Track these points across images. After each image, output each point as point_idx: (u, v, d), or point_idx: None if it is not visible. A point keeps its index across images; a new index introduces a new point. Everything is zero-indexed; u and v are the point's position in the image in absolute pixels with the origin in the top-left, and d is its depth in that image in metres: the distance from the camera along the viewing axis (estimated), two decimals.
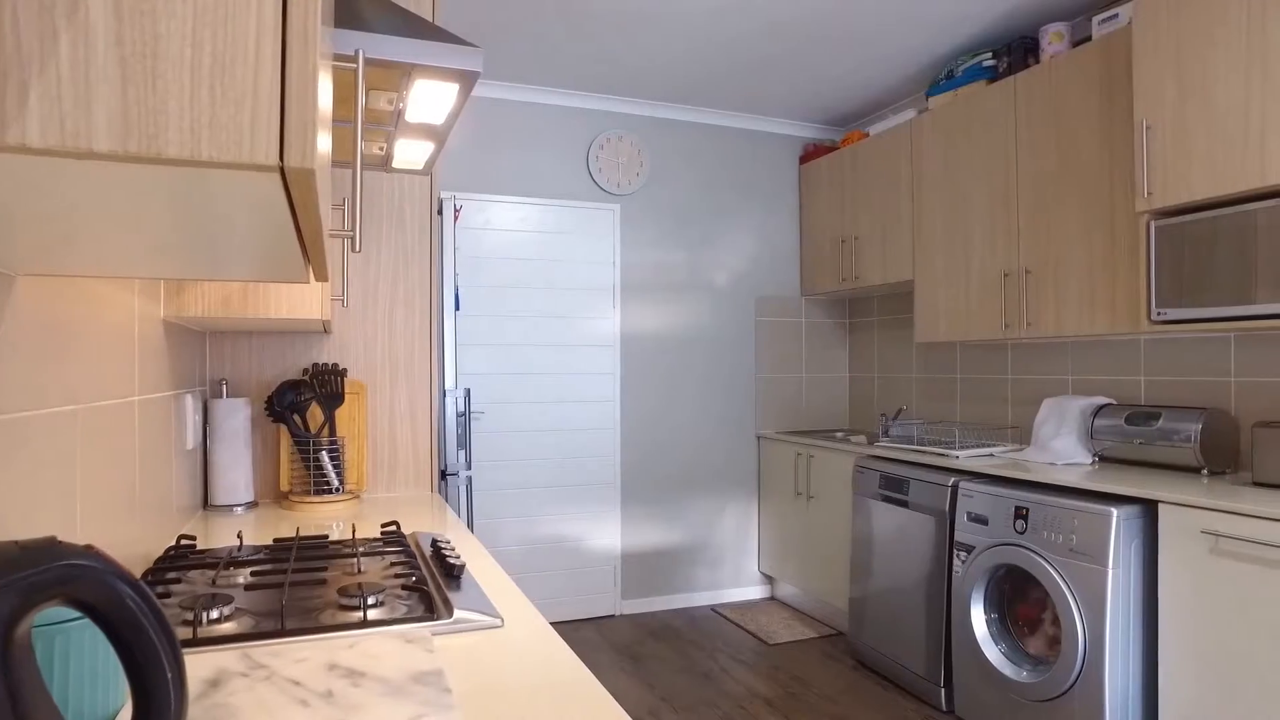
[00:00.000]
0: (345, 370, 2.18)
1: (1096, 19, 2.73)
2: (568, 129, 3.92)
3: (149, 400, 1.45)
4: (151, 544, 1.47)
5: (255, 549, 1.51)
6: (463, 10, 2.99)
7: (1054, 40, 2.94)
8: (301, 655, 0.97)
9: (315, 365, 2.16)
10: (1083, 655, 2.27)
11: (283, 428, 2.17)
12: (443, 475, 3.37)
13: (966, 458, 2.92)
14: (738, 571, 4.23)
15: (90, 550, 0.47)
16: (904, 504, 3.01)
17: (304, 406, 2.14)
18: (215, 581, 1.29)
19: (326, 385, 2.15)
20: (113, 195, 0.48)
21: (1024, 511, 2.47)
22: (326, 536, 1.60)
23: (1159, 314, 2.37)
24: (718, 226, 4.22)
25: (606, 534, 3.97)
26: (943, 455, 2.96)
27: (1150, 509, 2.23)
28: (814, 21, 3.11)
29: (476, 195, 3.75)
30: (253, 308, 1.65)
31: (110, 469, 1.19)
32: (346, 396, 2.23)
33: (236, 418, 2.04)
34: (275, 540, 1.57)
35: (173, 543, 1.61)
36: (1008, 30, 3.19)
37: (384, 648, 1.00)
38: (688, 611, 4.03)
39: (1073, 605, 2.30)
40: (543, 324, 3.87)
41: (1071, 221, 2.78)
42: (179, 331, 1.75)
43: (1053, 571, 2.36)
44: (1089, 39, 2.81)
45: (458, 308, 3.71)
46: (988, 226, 3.15)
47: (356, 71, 0.85)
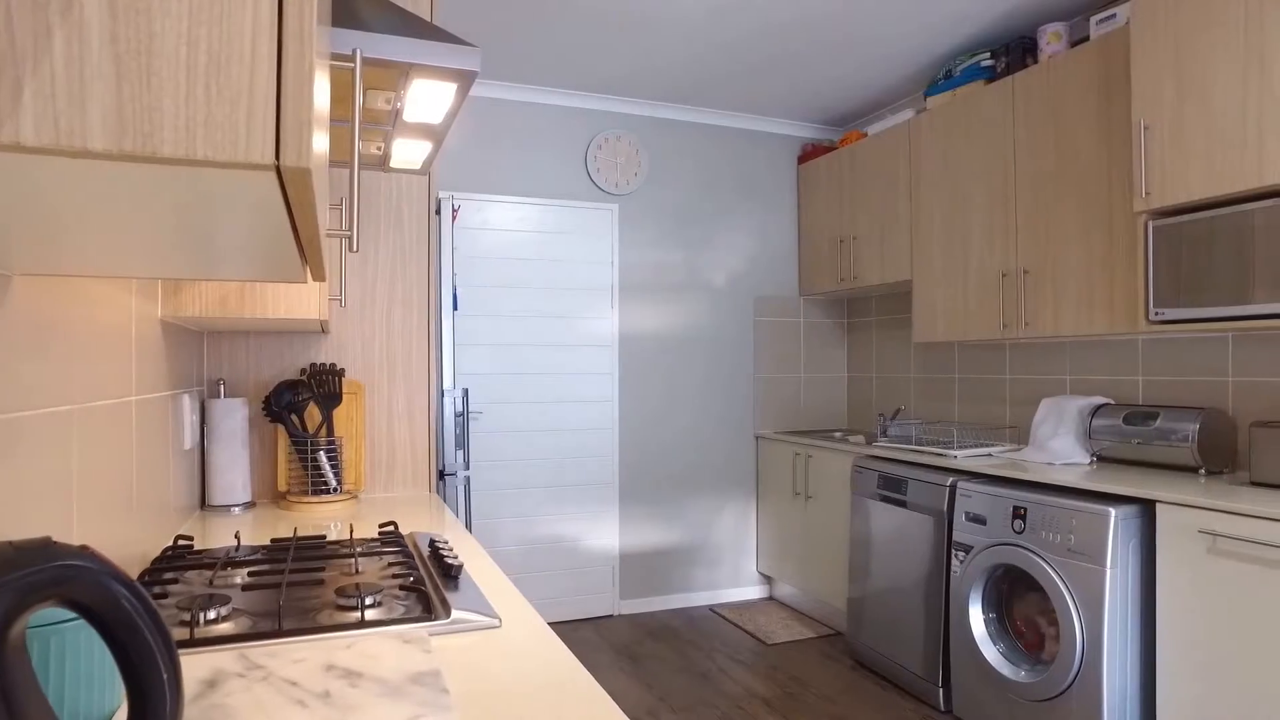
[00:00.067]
0: (343, 370, 2.17)
1: (1094, 19, 2.73)
2: (566, 129, 3.92)
3: (146, 400, 1.44)
4: (149, 544, 1.46)
5: (253, 549, 1.50)
6: (461, 10, 2.99)
7: (1052, 40, 2.94)
8: (299, 656, 0.97)
9: (313, 365, 2.16)
10: (1081, 655, 2.27)
11: (280, 428, 2.17)
12: (441, 475, 3.37)
13: (965, 458, 2.92)
14: (736, 571, 4.23)
15: (85, 551, 0.46)
16: (902, 504, 3.01)
17: (302, 406, 2.13)
18: (212, 582, 1.28)
19: (324, 385, 2.14)
20: (108, 194, 0.48)
21: (1022, 511, 2.47)
22: (324, 537, 1.60)
23: (1157, 314, 2.37)
24: (716, 226, 4.21)
25: (605, 534, 3.97)
26: (941, 455, 2.96)
27: (1148, 509, 2.23)
28: (812, 22, 3.11)
29: (475, 195, 3.75)
30: (250, 308, 1.64)
31: (107, 469, 1.19)
32: (344, 396, 2.23)
33: (234, 418, 2.04)
34: (273, 540, 1.57)
35: (170, 543, 1.61)
36: (1006, 30, 3.19)
37: (381, 648, 1.00)
38: (686, 611, 4.03)
39: (1071, 605, 2.30)
40: (541, 324, 3.87)
41: (1069, 221, 2.79)
42: (176, 331, 1.75)
43: (1051, 571, 2.36)
44: (1087, 39, 2.82)
45: (456, 308, 3.71)
46: (986, 226, 3.15)
47: (354, 71, 0.85)
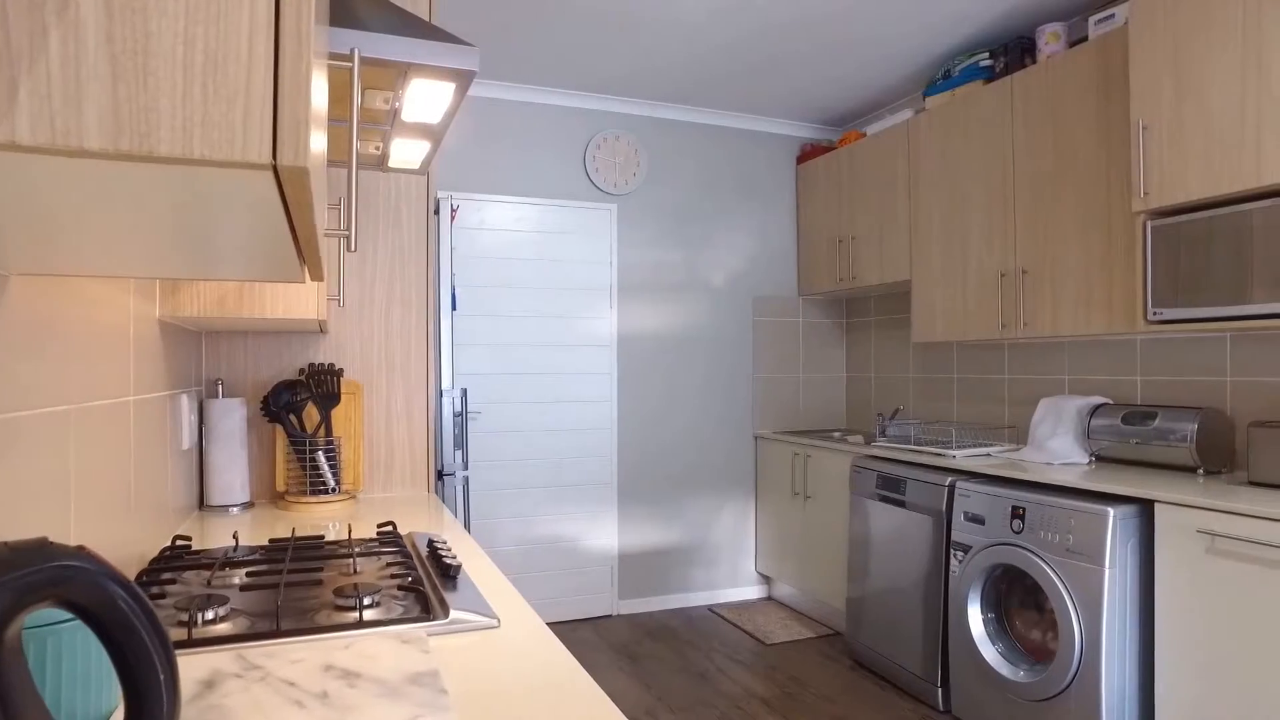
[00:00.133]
0: (341, 370, 2.17)
1: (1093, 19, 2.73)
2: (564, 129, 3.92)
3: (144, 400, 1.44)
4: (147, 544, 1.46)
5: (251, 549, 1.50)
6: (459, 9, 2.99)
7: (1050, 40, 2.94)
8: (297, 656, 0.97)
9: (311, 365, 2.16)
10: (1079, 655, 2.27)
11: (279, 428, 2.16)
12: (439, 475, 3.36)
13: (963, 457, 2.92)
14: (735, 571, 4.23)
15: (82, 551, 0.46)
16: (901, 504, 3.01)
17: (300, 406, 2.13)
18: (210, 582, 1.28)
19: (323, 385, 2.14)
20: (105, 194, 0.47)
21: (1021, 511, 2.47)
22: (322, 537, 1.60)
23: (1155, 314, 2.37)
24: (715, 226, 4.21)
25: (604, 534, 3.97)
26: (940, 455, 2.96)
27: (1147, 508, 2.24)
28: (811, 22, 3.11)
29: (473, 195, 3.75)
30: (248, 307, 1.64)
31: (105, 469, 1.18)
32: (343, 396, 2.23)
33: (232, 418, 2.04)
34: (271, 541, 1.57)
35: (168, 543, 1.60)
36: (1004, 30, 3.19)
37: (380, 648, 1.00)
38: (685, 611, 4.03)
39: (1069, 605, 2.30)
40: (540, 324, 3.86)
41: (1068, 221, 2.79)
42: (175, 331, 1.74)
43: (1049, 571, 2.36)
44: (1085, 39, 2.82)
45: (454, 307, 3.71)
46: (984, 226, 3.15)
47: (352, 70, 0.85)
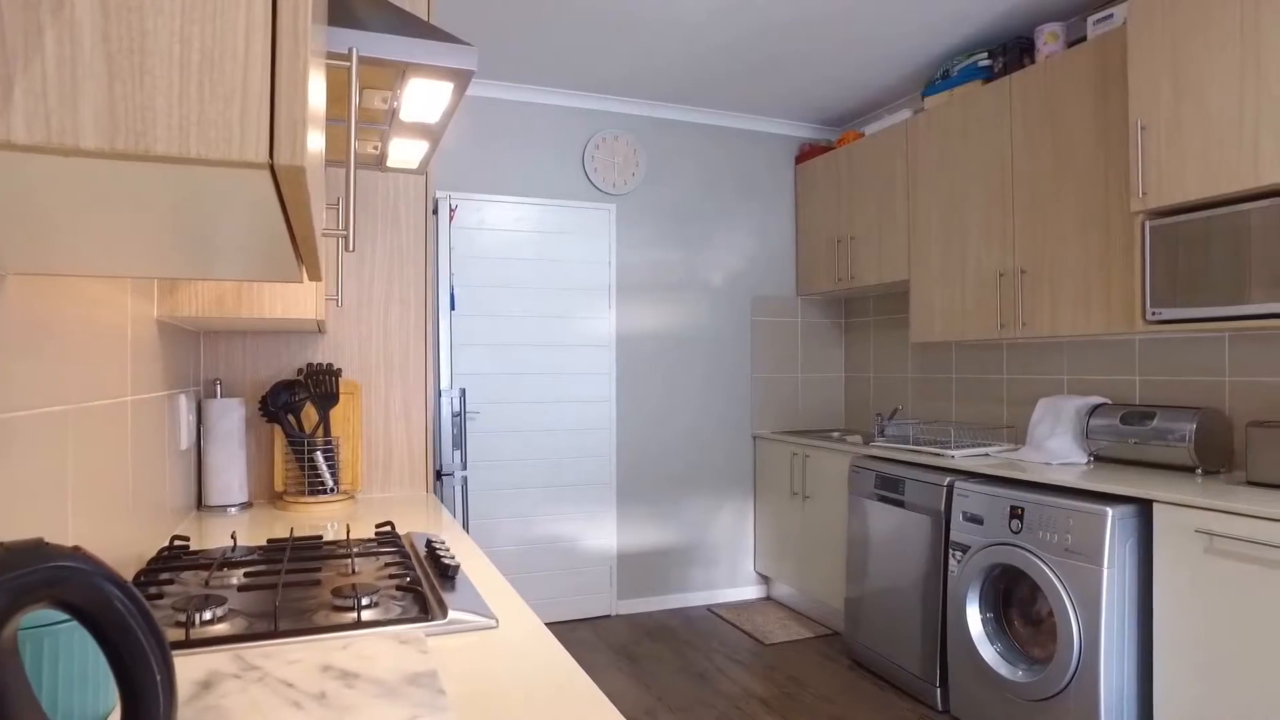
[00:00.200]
0: (340, 370, 2.17)
1: (1091, 19, 2.73)
2: (563, 128, 3.92)
3: (142, 400, 1.44)
4: (145, 545, 1.46)
5: (249, 550, 1.50)
6: (458, 9, 2.99)
7: (1049, 40, 2.94)
8: (295, 657, 0.97)
9: (310, 365, 2.16)
10: (1078, 654, 2.27)
11: (277, 428, 2.16)
12: (438, 475, 3.36)
13: (962, 457, 2.92)
14: (733, 571, 4.23)
15: (77, 552, 0.46)
16: (899, 504, 3.01)
17: (298, 406, 2.13)
18: (208, 582, 1.28)
19: (321, 385, 2.14)
20: (101, 193, 0.47)
21: (1019, 511, 2.47)
22: (320, 537, 1.60)
23: (1154, 314, 2.38)
24: (713, 226, 4.21)
25: (602, 534, 3.97)
26: (938, 455, 2.97)
27: (1145, 508, 2.24)
28: (810, 22, 3.11)
29: (472, 195, 3.74)
30: (247, 307, 1.64)
31: (102, 470, 1.18)
32: (341, 396, 2.22)
33: (231, 418, 2.03)
34: (269, 541, 1.57)
35: (166, 543, 1.60)
36: (1003, 30, 3.19)
37: (378, 649, 0.99)
38: (684, 612, 4.03)
39: (1068, 605, 2.30)
40: (538, 324, 3.86)
41: (1067, 221, 2.79)
42: (173, 331, 1.74)
43: (1048, 571, 2.36)
44: (1084, 39, 2.82)
45: (453, 307, 3.70)
46: (983, 226, 3.15)
47: (350, 70, 0.85)
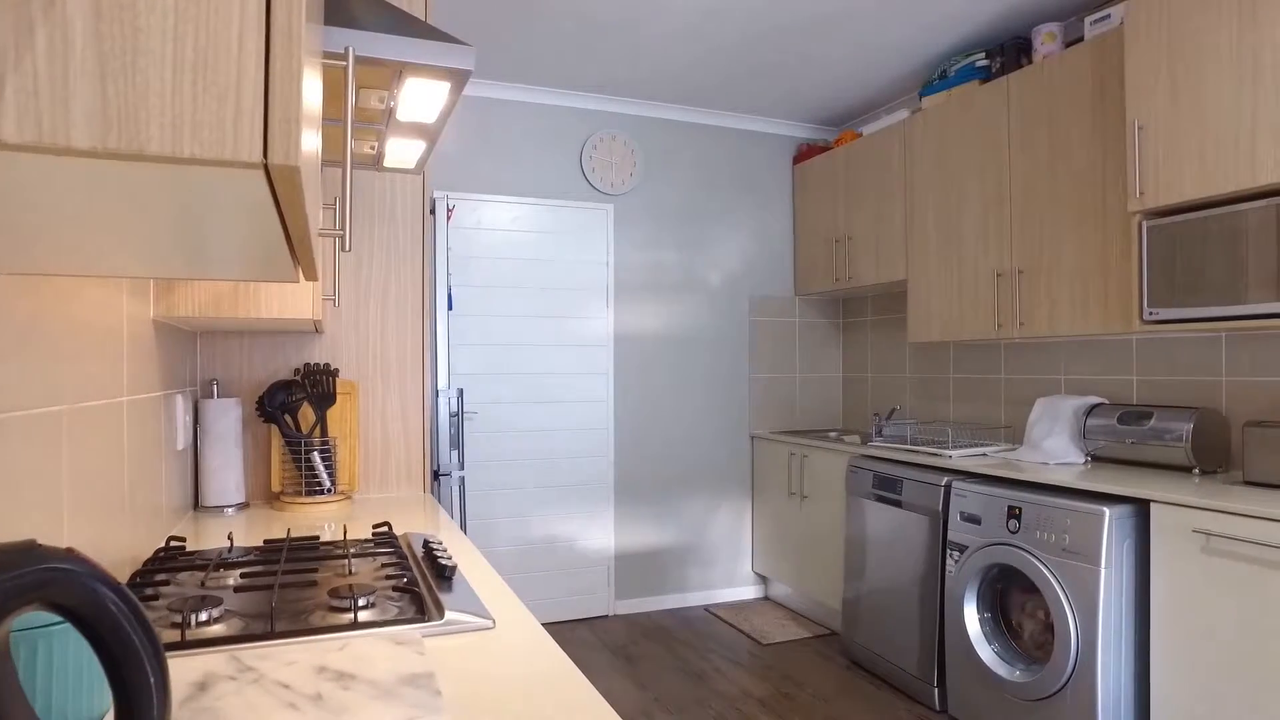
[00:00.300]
0: (337, 370, 2.17)
1: (1089, 19, 2.74)
2: (561, 128, 3.91)
3: (138, 401, 1.44)
4: (141, 546, 1.46)
5: (245, 550, 1.50)
6: (456, 8, 2.98)
7: (1046, 40, 2.94)
8: (291, 658, 0.97)
9: (307, 365, 2.15)
10: (1075, 654, 2.27)
11: (274, 428, 2.16)
12: (435, 476, 3.36)
13: (959, 457, 2.92)
14: (731, 572, 4.23)
15: (70, 553, 0.46)
16: (897, 504, 3.01)
17: (295, 407, 2.13)
18: (204, 583, 1.28)
19: (318, 385, 2.14)
20: (93, 193, 0.47)
21: (1017, 511, 2.47)
22: (317, 538, 1.59)
23: (1151, 314, 2.38)
24: (711, 226, 4.21)
25: (600, 534, 3.97)
26: (936, 455, 2.97)
27: (1142, 508, 2.24)
28: (807, 22, 3.11)
29: (469, 195, 3.74)
30: (243, 307, 1.64)
31: (98, 470, 1.18)
32: (338, 396, 2.22)
33: (227, 418, 2.03)
34: (266, 541, 1.56)
35: (162, 544, 1.60)
36: (1001, 31, 3.20)
37: (374, 650, 0.99)
38: (681, 612, 4.03)
39: (1065, 605, 2.30)
40: (536, 324, 3.86)
41: (1064, 221, 2.79)
42: (169, 331, 1.74)
43: (1045, 571, 2.36)
44: (1081, 39, 2.82)
45: (450, 308, 3.70)
46: (981, 226, 3.15)
47: (346, 69, 0.85)
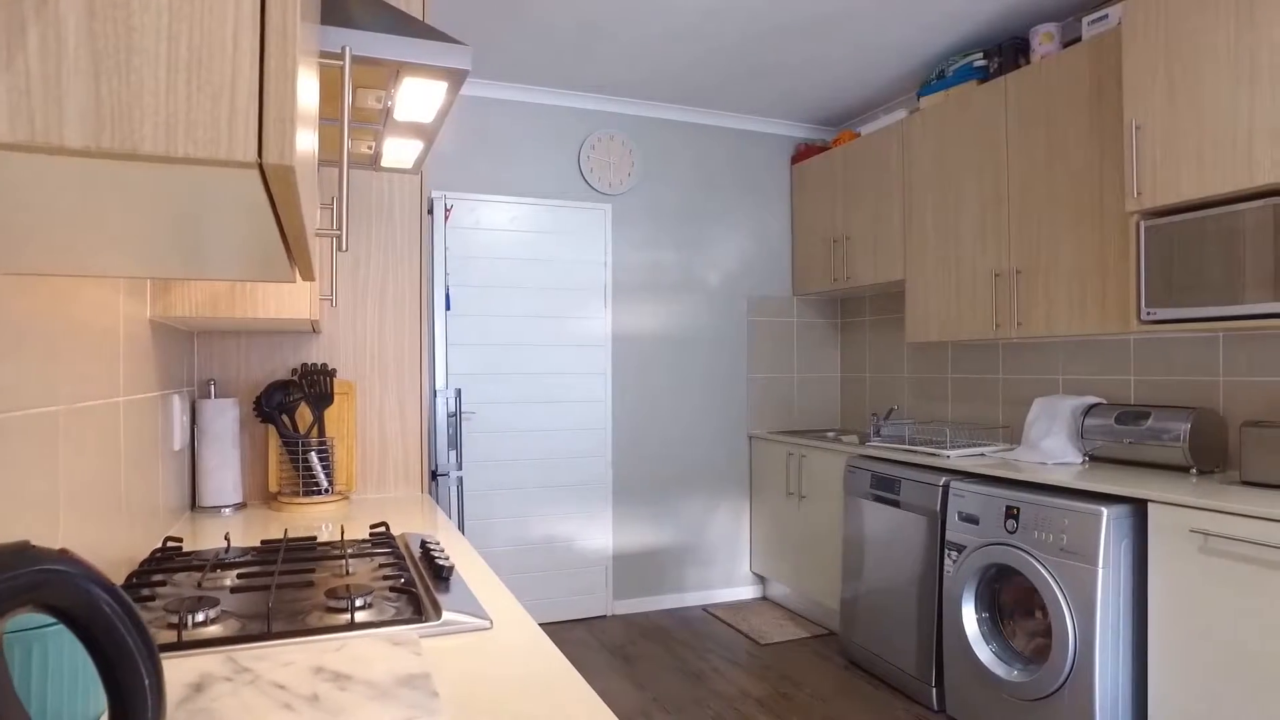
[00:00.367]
0: (334, 370, 2.16)
1: (1086, 20, 2.74)
2: (559, 128, 3.91)
3: (135, 401, 1.43)
4: (137, 546, 1.45)
5: (242, 551, 1.49)
6: (454, 8, 2.98)
7: (1044, 41, 2.95)
8: (288, 658, 0.96)
9: (304, 365, 2.15)
10: (1073, 654, 2.27)
11: (271, 428, 2.15)
12: (433, 476, 3.36)
13: (957, 457, 2.92)
14: (729, 572, 4.23)
15: (64, 554, 0.46)
16: (895, 504, 3.01)
17: (293, 407, 2.12)
18: (201, 584, 1.27)
19: (315, 385, 2.13)
20: (87, 192, 0.47)
21: (1015, 511, 2.47)
22: (315, 538, 1.59)
23: (1148, 314, 2.38)
24: (709, 226, 4.21)
25: (598, 534, 3.96)
26: (934, 455, 2.97)
27: (1140, 508, 2.24)
28: (806, 22, 3.11)
29: (467, 195, 3.74)
30: (240, 308, 1.63)
31: (94, 471, 1.18)
32: (336, 397, 2.22)
33: (225, 418, 2.02)
34: (263, 542, 1.56)
35: (159, 545, 1.59)
36: (998, 31, 3.20)
37: (371, 650, 0.99)
38: (679, 612, 4.03)
39: (1063, 604, 2.30)
40: (534, 324, 3.86)
41: (1062, 222, 2.79)
42: (166, 331, 1.73)
43: (1043, 571, 2.36)
44: (1079, 40, 2.82)
45: (448, 307, 3.70)
46: (978, 226, 3.15)
47: (343, 69, 0.84)
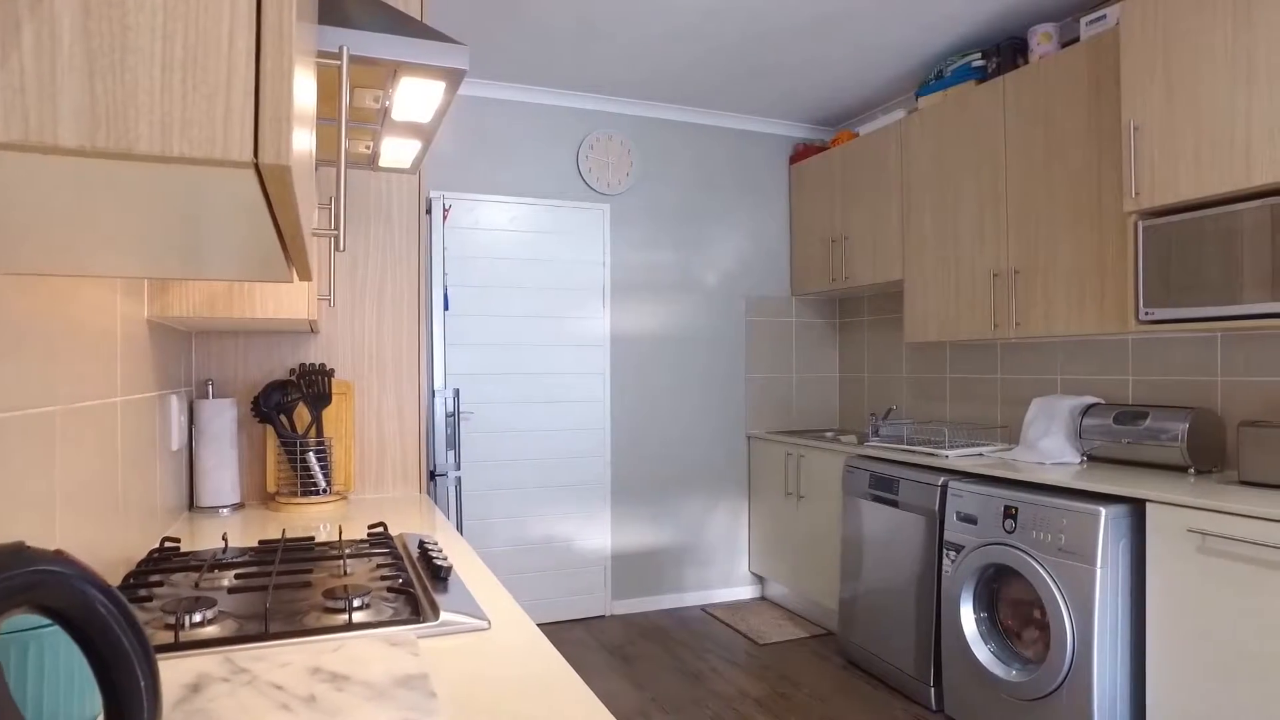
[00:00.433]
0: (333, 370, 2.16)
1: (1084, 20, 2.74)
2: (557, 128, 3.91)
3: (132, 401, 1.43)
4: (135, 547, 1.45)
5: (240, 551, 1.49)
6: (452, 7, 2.98)
7: (1042, 41, 2.95)
8: (285, 659, 0.96)
9: (302, 365, 2.15)
10: (1071, 654, 2.28)
11: (269, 428, 2.15)
12: (431, 476, 3.36)
13: (956, 457, 2.92)
14: (728, 572, 4.23)
15: (59, 555, 0.46)
16: (894, 504, 3.02)
17: (291, 407, 2.12)
18: (199, 584, 1.27)
19: (313, 385, 2.13)
20: (82, 192, 0.47)
21: (1013, 511, 2.48)
22: (312, 538, 1.59)
23: (1146, 314, 2.38)
24: (708, 226, 4.21)
25: (597, 534, 3.96)
26: (932, 455, 2.97)
27: (1138, 508, 2.24)
28: (804, 22, 3.11)
29: (465, 195, 3.73)
30: (238, 308, 1.63)
31: (91, 471, 1.17)
32: (334, 397, 2.21)
33: (223, 418, 2.02)
34: (260, 542, 1.56)
35: (156, 545, 1.59)
36: (997, 31, 3.20)
37: (369, 651, 0.99)
38: (678, 612, 4.03)
39: (1061, 604, 2.30)
40: (532, 324, 3.85)
41: (1060, 221, 2.79)
42: (164, 331, 1.73)
43: (1041, 571, 2.36)
44: (1077, 40, 2.82)
45: (447, 307, 3.69)
46: (977, 226, 3.15)
47: (340, 68, 0.84)
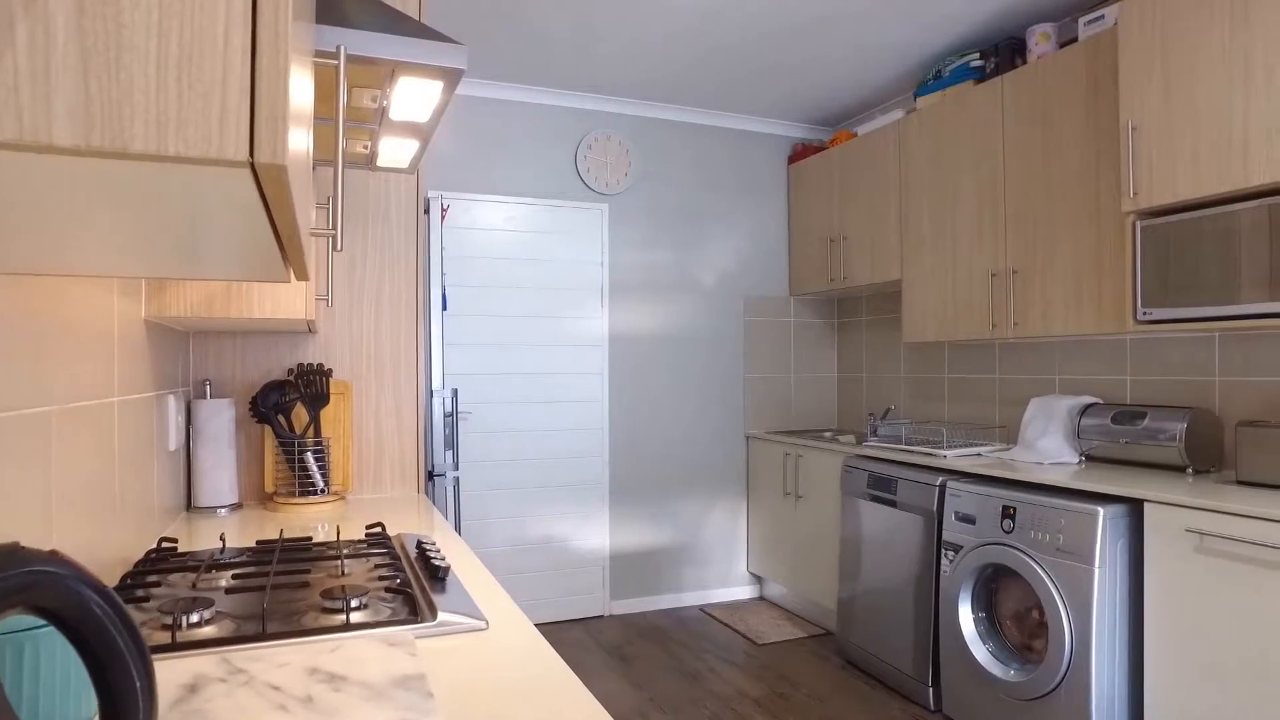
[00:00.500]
0: (330, 370, 2.16)
1: (1083, 20, 2.74)
2: (555, 128, 3.91)
3: (129, 401, 1.43)
4: (132, 547, 1.45)
5: (238, 551, 1.49)
6: (451, 7, 2.97)
7: (1041, 41, 2.95)
8: (282, 660, 0.96)
9: (300, 365, 2.14)
10: (1069, 654, 2.28)
11: (267, 428, 2.15)
12: (430, 476, 3.35)
13: (954, 457, 2.92)
14: (726, 572, 4.23)
15: (54, 556, 0.45)
16: (892, 504, 3.02)
17: (289, 407, 2.12)
18: (196, 585, 1.27)
19: (311, 385, 2.13)
20: (77, 191, 0.47)
21: (1011, 511, 2.48)
22: (310, 538, 1.59)
23: (1144, 314, 2.38)
24: (706, 226, 4.21)
25: (595, 534, 3.96)
26: (930, 455, 2.97)
27: (1136, 508, 2.24)
28: (802, 22, 3.11)
29: (464, 194, 3.73)
30: (236, 307, 1.63)
31: (88, 471, 1.17)
32: (332, 397, 2.21)
33: (220, 419, 2.02)
34: (258, 542, 1.55)
35: (153, 545, 1.59)
36: (995, 31, 3.20)
37: (366, 651, 0.99)
38: (676, 612, 4.03)
39: (1059, 604, 2.30)
40: (531, 324, 3.85)
41: (1058, 221, 2.80)
42: (161, 331, 1.73)
43: (1040, 571, 2.36)
44: (1075, 40, 2.83)
45: (445, 307, 3.69)
46: (975, 226, 3.16)
47: (338, 68, 0.84)
